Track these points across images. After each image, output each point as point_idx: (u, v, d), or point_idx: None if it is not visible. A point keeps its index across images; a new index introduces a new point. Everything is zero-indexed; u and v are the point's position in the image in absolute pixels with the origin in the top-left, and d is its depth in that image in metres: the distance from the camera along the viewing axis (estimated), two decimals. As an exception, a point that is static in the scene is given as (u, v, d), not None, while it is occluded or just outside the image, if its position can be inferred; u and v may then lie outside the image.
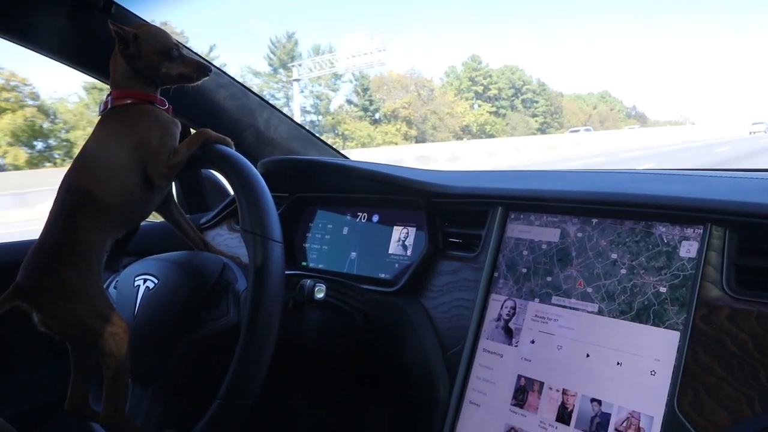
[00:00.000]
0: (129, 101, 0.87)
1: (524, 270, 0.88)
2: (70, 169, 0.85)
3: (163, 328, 0.86)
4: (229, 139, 0.88)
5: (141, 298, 0.89)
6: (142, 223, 0.94)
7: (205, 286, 0.86)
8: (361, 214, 1.19)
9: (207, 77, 0.91)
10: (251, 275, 0.76)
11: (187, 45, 1.13)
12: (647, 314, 0.75)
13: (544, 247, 0.87)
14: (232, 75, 1.39)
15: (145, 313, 0.88)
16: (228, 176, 0.83)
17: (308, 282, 0.87)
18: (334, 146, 1.57)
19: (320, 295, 0.87)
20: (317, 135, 1.54)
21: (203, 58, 1.20)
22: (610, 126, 60.38)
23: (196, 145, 0.85)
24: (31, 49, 1.18)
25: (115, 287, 0.96)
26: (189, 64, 0.89)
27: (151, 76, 0.87)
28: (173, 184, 0.98)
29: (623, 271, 0.79)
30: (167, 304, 0.87)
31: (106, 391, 0.80)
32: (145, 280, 0.90)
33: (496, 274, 0.91)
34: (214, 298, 0.86)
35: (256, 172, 0.82)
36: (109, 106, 0.87)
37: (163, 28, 0.91)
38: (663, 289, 0.74)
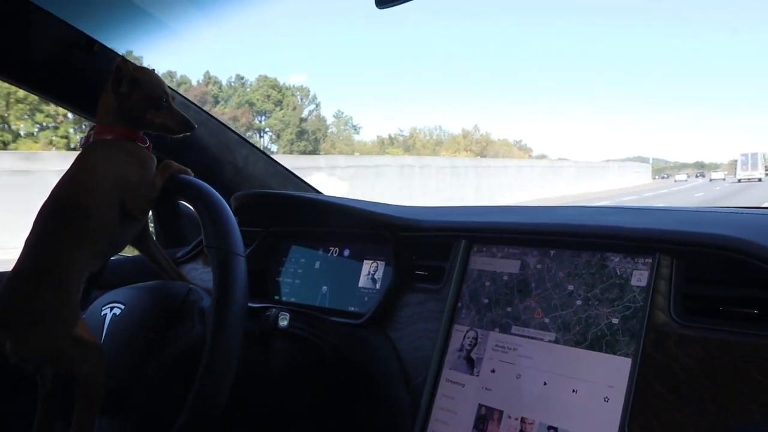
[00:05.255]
0: (110, 137, 0.89)
1: (486, 300, 0.90)
2: (48, 198, 0.86)
3: (131, 351, 0.86)
4: (188, 169, 0.90)
5: (108, 325, 0.89)
6: (114, 258, 0.95)
7: (171, 307, 0.88)
8: (333, 248, 1.21)
9: (188, 133, 0.93)
10: (215, 285, 0.77)
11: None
12: (600, 344, 0.77)
13: (505, 278, 0.89)
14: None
15: (113, 339, 0.88)
16: (190, 200, 0.85)
17: (272, 311, 0.89)
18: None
19: (284, 323, 0.89)
20: (294, 173, 1.57)
21: (197, 106, 1.22)
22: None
23: (165, 177, 0.88)
24: (13, 85, 1.21)
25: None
26: (173, 117, 0.91)
27: (135, 117, 0.89)
28: (149, 217, 1.00)
29: (579, 303, 0.81)
30: (134, 327, 0.88)
31: (76, 421, 0.79)
32: (111, 308, 0.91)
33: (459, 305, 0.93)
34: (180, 318, 0.87)
35: (216, 192, 0.84)
36: (90, 139, 0.89)
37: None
38: (615, 321, 0.77)
